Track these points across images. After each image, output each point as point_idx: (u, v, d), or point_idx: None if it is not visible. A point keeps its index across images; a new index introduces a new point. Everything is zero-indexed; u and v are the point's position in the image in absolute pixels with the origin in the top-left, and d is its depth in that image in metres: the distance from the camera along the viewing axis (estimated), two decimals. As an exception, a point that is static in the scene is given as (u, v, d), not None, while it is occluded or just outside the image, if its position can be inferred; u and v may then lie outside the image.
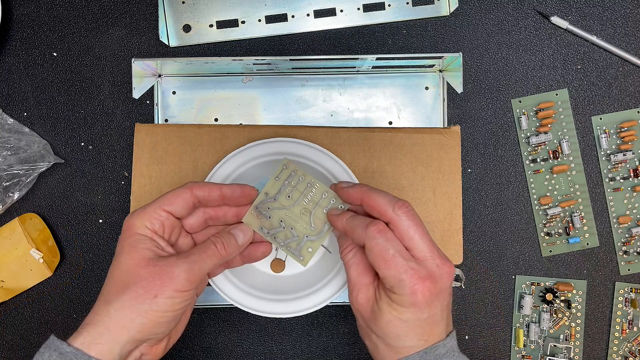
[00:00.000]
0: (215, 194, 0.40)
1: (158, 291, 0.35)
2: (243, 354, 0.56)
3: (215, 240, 0.39)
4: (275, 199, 0.41)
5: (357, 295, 0.38)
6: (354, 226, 0.38)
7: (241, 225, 0.41)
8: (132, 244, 0.37)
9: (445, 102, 0.55)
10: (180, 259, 0.37)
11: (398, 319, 0.36)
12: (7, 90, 0.56)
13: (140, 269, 0.36)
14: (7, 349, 0.55)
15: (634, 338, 0.56)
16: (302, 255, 0.41)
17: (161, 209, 0.39)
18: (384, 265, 0.36)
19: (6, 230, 0.54)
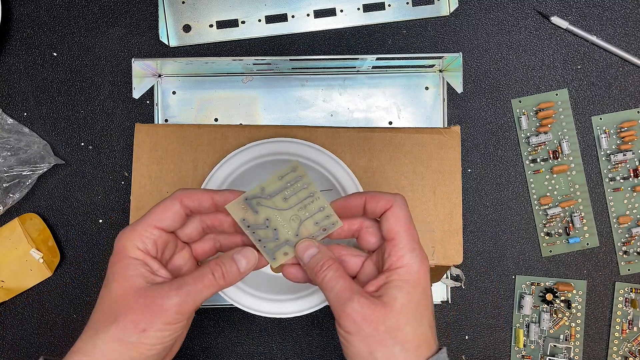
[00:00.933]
0: (207, 203, 0.37)
1: (147, 325, 0.33)
2: (243, 354, 0.56)
3: (214, 268, 0.36)
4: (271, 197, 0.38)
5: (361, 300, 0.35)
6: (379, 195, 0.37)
7: (245, 250, 0.38)
8: (122, 270, 0.35)
9: (445, 102, 0.55)
10: (172, 290, 0.34)
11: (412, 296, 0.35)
12: (7, 90, 0.56)
13: (130, 300, 0.34)
14: (7, 349, 0.55)
15: (634, 338, 0.56)
16: (276, 256, 0.39)
17: (152, 227, 0.36)
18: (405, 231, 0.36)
19: (6, 230, 0.54)
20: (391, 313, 0.34)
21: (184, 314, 0.35)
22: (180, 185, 0.49)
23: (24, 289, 0.55)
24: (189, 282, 0.35)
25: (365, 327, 0.34)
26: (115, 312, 0.34)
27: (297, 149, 0.46)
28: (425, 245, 0.49)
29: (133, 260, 0.36)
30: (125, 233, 0.36)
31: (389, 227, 0.37)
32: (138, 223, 0.37)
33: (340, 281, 0.36)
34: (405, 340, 0.34)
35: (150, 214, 0.37)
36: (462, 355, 0.56)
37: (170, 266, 0.39)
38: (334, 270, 0.37)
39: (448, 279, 0.55)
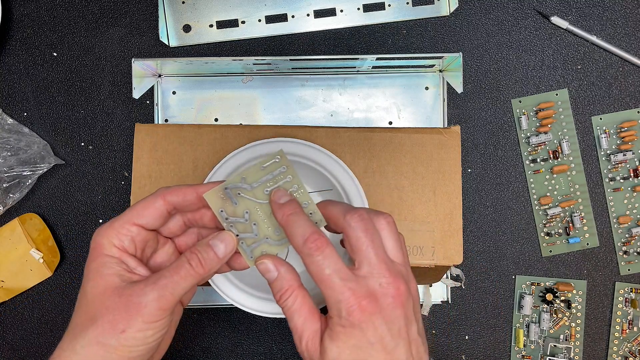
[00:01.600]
0: (191, 197, 0.35)
1: (126, 325, 0.32)
2: (243, 354, 0.56)
3: (190, 256, 0.34)
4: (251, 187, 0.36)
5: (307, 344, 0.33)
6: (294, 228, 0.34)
7: (222, 234, 0.35)
8: (98, 269, 0.34)
9: (445, 102, 0.55)
10: (148, 285, 0.32)
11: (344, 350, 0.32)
12: (7, 90, 0.56)
13: (106, 299, 0.32)
14: (7, 349, 0.55)
15: (634, 338, 0.56)
16: (253, 254, 0.37)
17: (130, 224, 0.34)
18: (321, 285, 0.32)
19: (6, 230, 0.54)
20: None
21: (164, 310, 0.33)
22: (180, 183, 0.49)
23: (24, 289, 0.55)
24: (166, 275, 0.33)
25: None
26: (92, 313, 0.33)
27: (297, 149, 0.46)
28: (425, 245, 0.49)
29: (109, 258, 0.34)
30: (102, 230, 0.34)
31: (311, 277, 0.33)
32: (116, 219, 0.35)
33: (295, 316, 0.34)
34: None
35: (129, 211, 0.35)
36: (462, 355, 0.56)
37: (152, 263, 0.37)
38: (292, 301, 0.34)
39: (448, 279, 0.55)
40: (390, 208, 0.49)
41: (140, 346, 0.32)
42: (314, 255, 0.33)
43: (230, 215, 0.36)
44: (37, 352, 0.55)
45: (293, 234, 0.34)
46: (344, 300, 0.32)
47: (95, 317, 0.32)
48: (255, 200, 0.37)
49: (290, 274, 0.35)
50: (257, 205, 0.37)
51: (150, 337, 0.33)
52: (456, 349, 0.56)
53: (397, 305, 0.33)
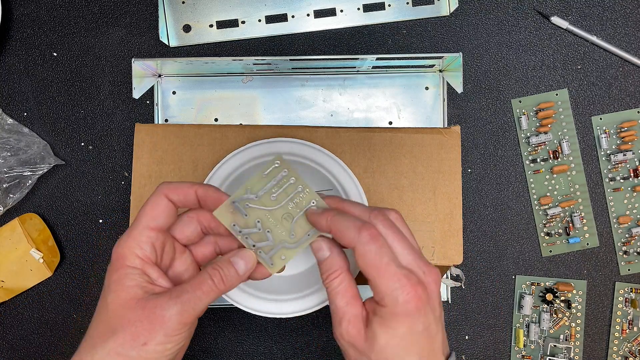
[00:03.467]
0: (191, 197, 0.36)
1: (147, 338, 0.32)
2: (243, 354, 0.56)
3: (212, 272, 0.35)
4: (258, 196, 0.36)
5: (348, 327, 0.34)
6: (343, 227, 0.35)
7: (242, 251, 0.37)
8: (120, 280, 0.34)
9: (445, 102, 0.55)
10: (171, 299, 0.33)
11: (394, 337, 0.33)
12: (7, 90, 0.56)
13: (128, 312, 0.33)
14: (7, 349, 0.55)
15: (634, 338, 0.56)
16: (273, 261, 0.37)
17: (147, 229, 0.35)
18: (376, 273, 0.33)
19: (6, 230, 0.54)
20: (372, 349, 0.34)
21: (185, 324, 0.33)
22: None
23: (24, 289, 0.55)
24: (188, 290, 0.34)
25: (351, 352, 0.35)
26: (113, 325, 0.33)
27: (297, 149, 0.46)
28: (425, 245, 0.49)
29: (131, 270, 0.34)
30: (122, 240, 0.35)
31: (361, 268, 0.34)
32: (132, 228, 0.35)
33: (338, 297, 0.35)
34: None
35: (141, 216, 0.35)
36: (462, 355, 0.56)
37: (171, 273, 0.37)
38: (338, 282, 0.35)
39: (448, 279, 0.55)
40: (390, 208, 0.49)
41: (160, 359, 0.33)
42: (370, 243, 0.34)
43: (243, 228, 0.37)
44: (37, 352, 0.55)
45: (343, 229, 0.34)
46: (401, 287, 0.33)
47: (116, 329, 0.33)
48: (264, 209, 0.37)
49: (341, 257, 0.36)
50: (267, 213, 0.37)
51: (169, 350, 0.33)
52: (456, 349, 0.56)
53: (438, 292, 0.35)
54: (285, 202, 0.37)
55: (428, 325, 0.34)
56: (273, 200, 0.37)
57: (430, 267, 0.35)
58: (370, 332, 0.34)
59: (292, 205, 0.37)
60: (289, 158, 0.46)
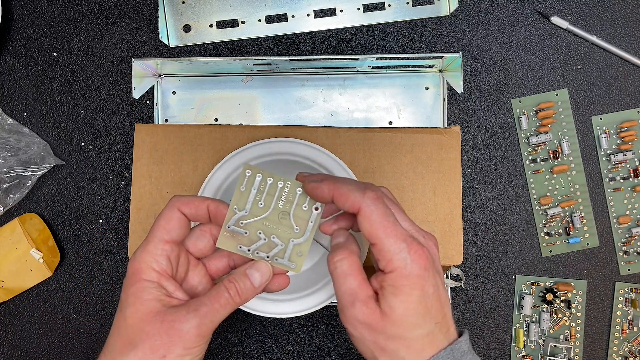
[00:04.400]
0: (202, 211, 0.37)
1: (167, 350, 0.33)
2: (243, 354, 0.56)
3: (229, 285, 0.35)
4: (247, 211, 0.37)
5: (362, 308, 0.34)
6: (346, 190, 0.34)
7: (257, 264, 0.37)
8: (137, 294, 0.34)
9: (445, 102, 0.55)
10: (190, 313, 0.33)
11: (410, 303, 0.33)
12: (7, 90, 0.56)
13: (147, 325, 0.33)
14: (7, 349, 0.55)
15: (634, 338, 0.56)
16: (293, 261, 0.37)
17: (162, 242, 0.35)
18: (383, 233, 0.33)
19: (6, 230, 0.54)
20: (390, 323, 0.33)
21: (203, 337, 0.34)
22: (180, 185, 0.49)
23: (24, 289, 0.55)
24: (206, 303, 0.34)
25: (366, 335, 0.34)
26: (133, 338, 0.33)
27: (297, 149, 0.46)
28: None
29: (148, 283, 0.35)
30: (138, 254, 0.35)
31: (365, 232, 0.34)
32: (148, 242, 0.35)
33: (348, 280, 0.34)
34: (409, 345, 0.34)
35: (155, 230, 0.36)
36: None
37: (186, 286, 0.38)
38: (347, 265, 0.35)
39: (448, 279, 0.55)
40: (390, 208, 0.49)
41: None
42: (376, 203, 0.33)
43: (249, 245, 0.37)
44: (37, 352, 0.55)
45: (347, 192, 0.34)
46: (408, 246, 0.33)
47: (135, 342, 0.33)
48: (259, 219, 0.37)
49: (353, 241, 0.37)
50: (264, 221, 0.37)
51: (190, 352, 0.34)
52: (456, 349, 0.56)
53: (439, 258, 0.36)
54: (274, 204, 0.37)
55: (437, 288, 0.34)
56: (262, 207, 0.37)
57: (427, 232, 0.36)
58: (385, 306, 0.34)
59: (282, 203, 0.37)
60: (289, 158, 0.46)
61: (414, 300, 0.33)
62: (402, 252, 0.33)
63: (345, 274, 0.35)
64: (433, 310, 0.34)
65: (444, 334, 0.35)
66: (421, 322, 0.34)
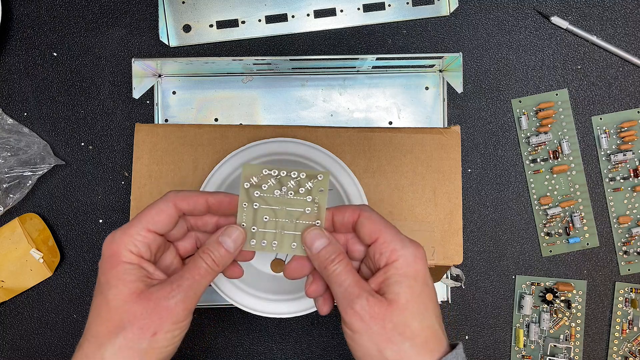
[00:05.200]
0: (201, 206, 0.37)
1: (157, 328, 0.33)
2: (243, 354, 0.56)
3: (204, 256, 0.36)
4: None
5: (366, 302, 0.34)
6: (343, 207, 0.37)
7: (229, 229, 0.37)
8: (119, 276, 0.34)
9: (445, 102, 0.55)
10: (174, 288, 0.34)
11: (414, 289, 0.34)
12: (7, 90, 0.56)
13: (133, 306, 0.33)
14: (7, 349, 0.55)
15: (634, 338, 0.56)
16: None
17: (146, 230, 0.35)
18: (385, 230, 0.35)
19: (6, 230, 0.54)
20: (397, 310, 0.34)
21: (189, 310, 0.34)
22: (180, 185, 0.49)
23: (24, 289, 0.55)
24: (187, 277, 0.35)
25: (373, 325, 0.34)
26: (119, 320, 0.33)
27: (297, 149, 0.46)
28: (425, 245, 0.49)
29: (129, 265, 0.34)
30: (117, 236, 0.35)
31: (367, 230, 0.36)
32: (130, 226, 0.35)
33: (349, 277, 0.35)
34: (414, 335, 0.34)
35: (143, 217, 0.36)
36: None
37: (159, 266, 0.38)
38: (344, 265, 0.36)
39: (448, 279, 0.55)
40: (390, 208, 0.49)
41: (169, 346, 0.34)
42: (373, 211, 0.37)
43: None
44: (37, 352, 0.55)
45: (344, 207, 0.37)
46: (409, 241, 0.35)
47: (123, 324, 0.33)
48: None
49: (338, 243, 0.37)
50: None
51: (177, 337, 0.34)
52: (456, 349, 0.56)
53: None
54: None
55: (433, 285, 0.36)
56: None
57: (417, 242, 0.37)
58: (391, 294, 0.34)
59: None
60: (289, 158, 0.46)
61: (417, 287, 0.34)
62: (403, 241, 0.35)
63: (345, 272, 0.35)
64: (432, 305, 0.35)
65: (443, 332, 0.36)
66: (423, 312, 0.34)
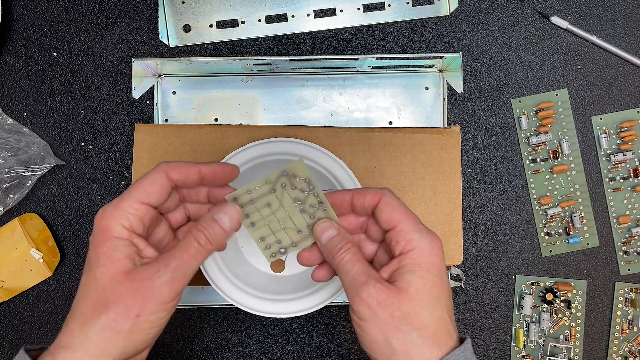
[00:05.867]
0: (194, 176, 0.36)
1: (141, 310, 0.32)
2: (243, 354, 0.56)
3: (197, 234, 0.34)
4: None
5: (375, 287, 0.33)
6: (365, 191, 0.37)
7: (226, 207, 0.36)
8: (108, 253, 0.33)
9: (445, 102, 0.55)
10: (161, 269, 0.33)
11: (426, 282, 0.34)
12: (7, 90, 0.56)
13: (119, 285, 0.32)
14: (7, 349, 0.55)
15: (634, 338, 0.56)
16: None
17: (139, 203, 0.34)
18: (404, 218, 0.35)
19: (6, 230, 0.54)
20: (406, 298, 0.33)
21: (177, 291, 0.33)
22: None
23: (24, 289, 0.55)
24: (176, 257, 0.33)
25: (380, 312, 0.33)
26: (104, 299, 0.32)
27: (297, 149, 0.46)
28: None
29: (119, 241, 0.33)
30: (109, 210, 0.34)
31: (385, 217, 0.36)
32: (122, 199, 0.34)
33: (357, 264, 0.35)
34: (422, 326, 0.33)
35: (135, 189, 0.34)
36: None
37: (151, 240, 0.37)
38: (352, 253, 0.36)
39: (448, 278, 0.55)
40: (390, 208, 0.49)
41: (153, 328, 0.33)
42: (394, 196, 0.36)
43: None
44: (37, 352, 0.55)
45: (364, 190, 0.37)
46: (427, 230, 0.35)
47: (107, 304, 0.32)
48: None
49: (347, 233, 0.37)
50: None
51: (162, 319, 0.33)
52: (456, 349, 0.56)
53: None
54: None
55: (447, 279, 0.35)
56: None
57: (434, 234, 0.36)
58: (402, 282, 0.34)
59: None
60: (288, 158, 0.46)
61: (431, 278, 0.34)
62: (421, 232, 0.35)
63: (353, 260, 0.35)
64: (444, 297, 0.35)
65: (454, 326, 0.35)
66: (435, 302, 0.34)
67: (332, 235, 0.37)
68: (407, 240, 0.35)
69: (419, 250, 0.34)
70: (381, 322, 0.33)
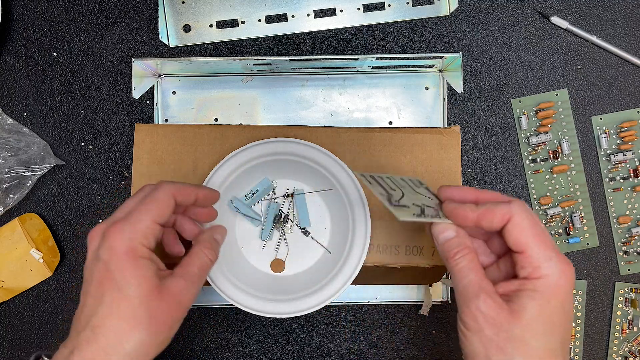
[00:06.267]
0: (191, 199, 0.40)
1: (173, 321, 0.36)
2: (243, 354, 0.56)
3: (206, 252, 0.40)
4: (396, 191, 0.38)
5: (487, 300, 0.33)
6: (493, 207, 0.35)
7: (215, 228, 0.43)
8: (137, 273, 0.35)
9: (445, 102, 0.55)
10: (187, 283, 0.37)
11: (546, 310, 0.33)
12: (7, 90, 0.56)
13: (152, 301, 0.35)
14: (7, 349, 0.55)
15: (634, 338, 0.56)
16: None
17: (155, 224, 0.36)
18: (534, 241, 0.33)
19: (6, 230, 0.54)
20: (517, 322, 0.33)
21: (195, 297, 0.38)
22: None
23: (24, 289, 0.55)
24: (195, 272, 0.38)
25: (487, 329, 0.33)
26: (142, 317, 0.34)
27: (297, 149, 0.46)
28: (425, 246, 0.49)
29: (145, 261, 0.36)
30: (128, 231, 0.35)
31: (514, 240, 0.34)
32: (138, 220, 0.36)
33: (471, 274, 0.34)
34: (528, 354, 0.32)
35: (148, 210, 0.37)
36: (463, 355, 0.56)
37: None
38: (468, 260, 0.35)
39: (448, 279, 0.55)
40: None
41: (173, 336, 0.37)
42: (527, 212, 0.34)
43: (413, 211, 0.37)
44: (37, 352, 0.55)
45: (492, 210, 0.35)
46: (557, 256, 0.33)
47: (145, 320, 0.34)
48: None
49: (467, 235, 0.37)
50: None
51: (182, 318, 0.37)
52: (456, 349, 0.56)
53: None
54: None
55: (570, 308, 0.34)
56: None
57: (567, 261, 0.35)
58: (517, 305, 0.33)
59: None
60: (289, 158, 0.46)
61: (550, 308, 0.33)
62: (552, 260, 0.34)
63: (468, 268, 0.35)
64: (561, 330, 0.34)
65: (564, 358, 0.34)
66: (549, 332, 0.33)
67: (449, 237, 0.37)
68: (534, 267, 0.34)
69: (546, 279, 0.33)
70: (485, 338, 0.33)
